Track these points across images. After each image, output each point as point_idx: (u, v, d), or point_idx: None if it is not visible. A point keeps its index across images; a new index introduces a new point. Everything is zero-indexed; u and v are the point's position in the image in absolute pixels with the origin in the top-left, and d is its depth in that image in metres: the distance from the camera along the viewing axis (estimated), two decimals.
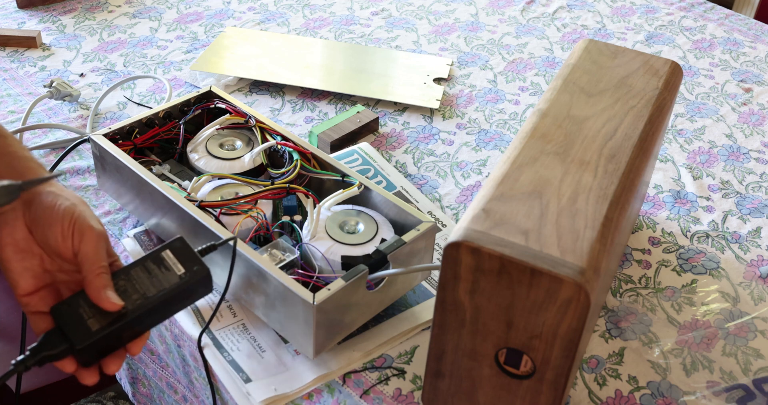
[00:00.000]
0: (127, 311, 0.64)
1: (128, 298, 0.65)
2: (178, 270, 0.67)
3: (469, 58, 1.32)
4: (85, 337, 0.63)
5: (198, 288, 0.68)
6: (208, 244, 0.71)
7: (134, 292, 0.65)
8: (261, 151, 0.93)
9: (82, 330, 0.63)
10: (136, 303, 0.65)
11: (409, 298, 0.87)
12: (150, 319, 0.67)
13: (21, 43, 1.30)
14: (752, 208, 1.03)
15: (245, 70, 1.23)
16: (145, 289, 0.66)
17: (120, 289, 0.65)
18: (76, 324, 0.63)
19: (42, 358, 0.62)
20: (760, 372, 0.81)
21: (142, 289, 0.66)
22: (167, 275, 0.67)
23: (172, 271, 0.67)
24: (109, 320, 0.64)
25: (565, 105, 0.79)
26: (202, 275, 0.68)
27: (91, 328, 0.63)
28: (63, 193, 0.67)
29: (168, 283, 0.66)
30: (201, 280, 0.68)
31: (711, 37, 1.40)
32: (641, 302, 0.89)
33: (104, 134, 0.92)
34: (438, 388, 0.74)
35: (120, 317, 0.64)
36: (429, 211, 0.99)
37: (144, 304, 0.65)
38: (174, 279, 0.67)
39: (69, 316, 0.64)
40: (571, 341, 0.64)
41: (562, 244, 0.63)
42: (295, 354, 0.81)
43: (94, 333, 0.63)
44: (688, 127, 1.17)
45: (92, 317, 0.64)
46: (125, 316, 0.64)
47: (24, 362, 0.62)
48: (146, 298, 0.65)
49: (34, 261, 0.65)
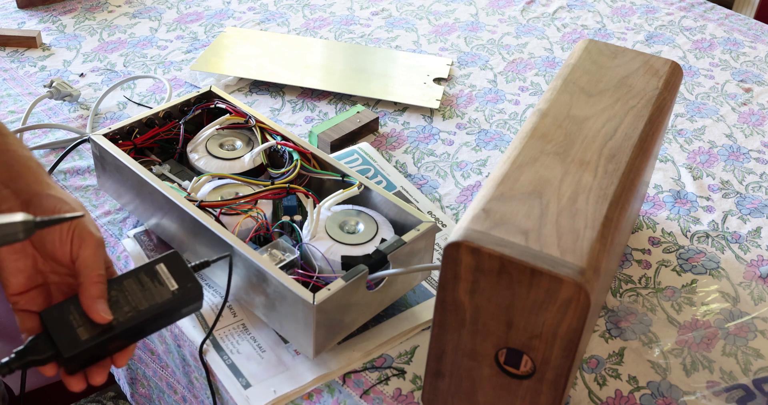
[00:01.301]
0: (118, 323, 0.64)
1: (119, 310, 0.65)
2: (171, 285, 0.67)
3: (469, 58, 1.32)
4: (72, 346, 0.62)
5: (189, 304, 0.68)
6: (202, 261, 0.71)
7: (126, 304, 0.65)
8: (261, 151, 0.93)
9: (70, 338, 0.63)
10: (127, 315, 0.65)
11: (409, 298, 0.87)
12: (139, 332, 0.66)
13: (21, 43, 1.30)
14: (752, 208, 1.03)
15: (245, 70, 1.23)
16: (136, 302, 0.65)
17: (112, 299, 0.65)
18: (65, 331, 0.63)
19: (27, 362, 0.62)
20: (760, 372, 0.81)
21: (134, 302, 0.65)
22: (160, 290, 0.66)
23: (165, 286, 0.67)
24: (98, 331, 0.63)
25: (565, 105, 0.79)
26: (195, 293, 0.67)
27: (80, 337, 0.63)
28: (64, 198, 0.67)
29: (160, 298, 0.66)
30: (193, 298, 0.68)
31: (711, 37, 1.40)
32: (641, 302, 0.89)
33: (104, 134, 0.92)
34: (438, 388, 0.74)
35: (110, 329, 0.64)
36: (429, 211, 0.99)
37: (135, 317, 0.65)
38: (167, 294, 0.66)
39: (58, 322, 0.63)
40: (571, 341, 0.64)
41: (562, 244, 0.63)
42: (295, 354, 0.81)
43: (82, 343, 0.63)
44: (688, 127, 1.17)
45: (82, 326, 0.63)
46: (115, 329, 0.64)
47: (8, 365, 0.62)
48: (137, 311, 0.65)
49: (28, 261, 0.65)
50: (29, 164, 0.68)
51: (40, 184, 0.67)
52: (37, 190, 0.66)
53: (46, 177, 0.69)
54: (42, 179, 0.68)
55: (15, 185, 0.66)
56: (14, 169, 0.67)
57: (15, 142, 0.70)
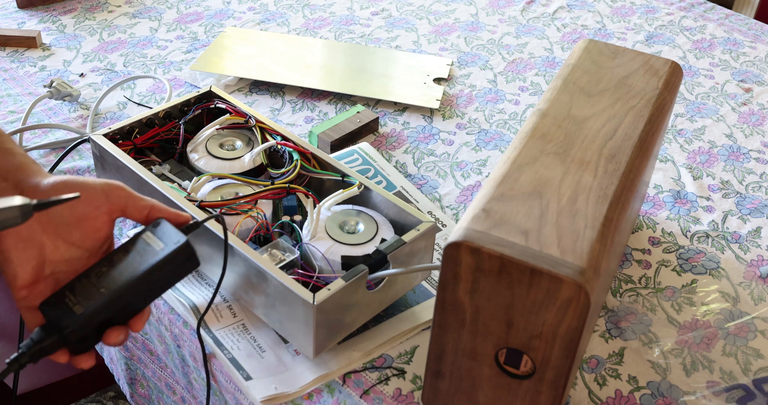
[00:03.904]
0: (108, 290, 0.64)
1: (110, 280, 0.65)
2: (157, 246, 0.67)
3: (469, 58, 1.32)
4: (71, 321, 0.63)
5: (183, 260, 0.68)
6: (192, 222, 0.71)
7: (116, 273, 0.65)
8: (261, 151, 0.93)
9: (68, 316, 0.63)
10: (117, 281, 0.65)
11: (409, 298, 0.87)
12: (139, 295, 0.66)
13: (21, 43, 1.30)
14: (752, 208, 1.03)
15: (245, 70, 1.23)
16: (125, 268, 0.66)
17: (102, 273, 0.65)
18: (62, 313, 0.63)
19: (34, 352, 0.62)
20: (760, 372, 0.81)
21: (122, 269, 0.66)
22: (147, 251, 0.67)
23: (152, 247, 0.67)
24: (92, 303, 0.64)
25: (565, 105, 0.79)
26: (182, 245, 0.67)
27: (76, 313, 0.63)
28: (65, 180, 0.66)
29: (149, 258, 0.66)
30: (182, 250, 0.67)
31: (711, 37, 1.40)
32: (641, 302, 0.89)
33: (104, 134, 0.92)
34: (438, 388, 0.74)
35: (101, 297, 0.64)
36: (429, 211, 0.99)
37: (126, 281, 0.65)
38: (153, 254, 0.66)
39: (56, 307, 0.64)
40: (571, 341, 0.64)
41: (562, 244, 0.63)
42: (295, 354, 0.81)
43: (78, 316, 0.63)
44: (688, 127, 1.17)
45: (77, 304, 0.64)
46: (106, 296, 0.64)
47: (18, 360, 0.62)
48: (128, 274, 0.65)
49: (35, 251, 0.65)
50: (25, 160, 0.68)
51: (40, 174, 0.67)
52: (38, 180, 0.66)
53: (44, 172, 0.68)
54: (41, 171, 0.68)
55: (14, 177, 0.66)
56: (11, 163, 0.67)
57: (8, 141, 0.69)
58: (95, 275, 0.65)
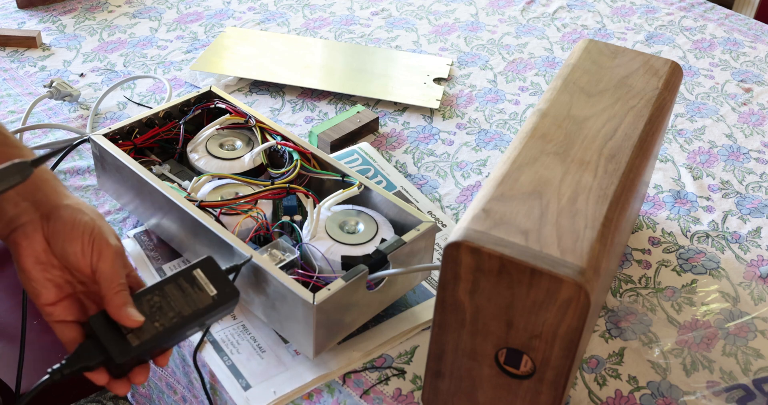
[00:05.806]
0: (165, 329, 0.66)
1: (164, 316, 0.66)
2: (210, 291, 0.69)
3: (469, 58, 1.32)
4: (124, 352, 0.64)
5: (226, 309, 0.70)
6: (232, 265, 0.73)
7: (170, 310, 0.67)
8: (261, 151, 0.93)
9: (121, 344, 0.64)
10: (173, 321, 0.66)
11: (409, 298, 0.87)
12: (182, 336, 0.68)
13: (21, 43, 1.30)
14: (752, 208, 1.03)
15: (245, 70, 1.23)
16: (180, 307, 0.67)
17: (155, 305, 0.66)
18: (115, 337, 0.64)
19: (78, 368, 0.63)
20: (760, 372, 0.81)
21: (177, 308, 0.67)
22: (200, 295, 0.68)
23: (205, 292, 0.69)
24: (147, 337, 0.65)
25: (565, 105, 0.79)
26: (233, 297, 0.69)
27: (131, 343, 0.64)
28: (81, 208, 0.67)
29: (202, 304, 0.68)
30: (231, 302, 0.70)
31: (711, 37, 1.40)
32: (641, 302, 0.89)
33: (104, 134, 0.92)
34: (438, 388, 0.74)
35: (157, 335, 0.65)
36: (429, 211, 0.99)
37: (179, 323, 0.66)
38: (207, 300, 0.68)
39: (107, 328, 0.64)
40: (571, 341, 0.64)
41: (562, 244, 0.63)
42: (295, 354, 0.81)
43: (133, 349, 0.64)
44: (688, 127, 1.17)
45: (131, 332, 0.64)
46: (162, 334, 0.65)
47: (60, 371, 0.63)
48: (182, 317, 0.67)
49: (55, 272, 0.66)
50: (45, 176, 0.69)
51: (58, 195, 0.68)
52: (56, 201, 0.67)
53: (62, 186, 0.70)
54: (59, 190, 0.69)
55: (33, 197, 0.67)
56: (31, 182, 0.67)
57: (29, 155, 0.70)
58: (147, 304, 0.66)
